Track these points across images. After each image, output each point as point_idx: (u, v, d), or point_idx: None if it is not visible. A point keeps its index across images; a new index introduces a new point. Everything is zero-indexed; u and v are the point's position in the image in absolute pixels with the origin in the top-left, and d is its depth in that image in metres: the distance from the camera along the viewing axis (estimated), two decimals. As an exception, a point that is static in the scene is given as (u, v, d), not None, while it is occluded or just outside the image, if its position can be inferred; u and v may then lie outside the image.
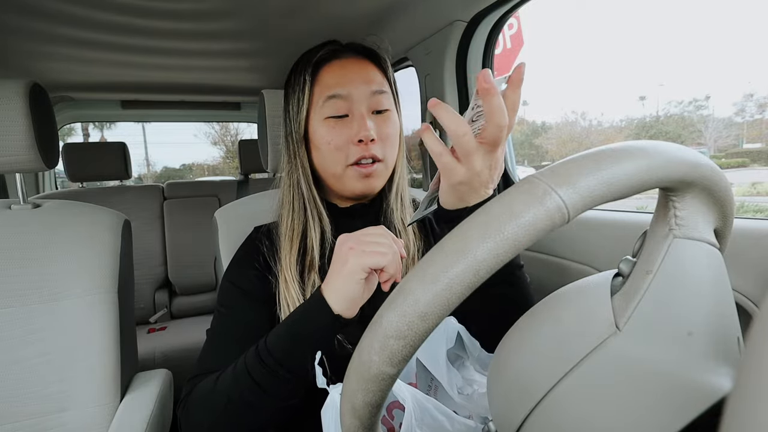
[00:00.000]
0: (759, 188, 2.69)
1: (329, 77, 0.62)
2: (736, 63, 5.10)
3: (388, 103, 0.64)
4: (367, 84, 0.62)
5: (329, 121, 0.62)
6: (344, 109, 0.61)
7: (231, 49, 1.40)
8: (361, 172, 0.61)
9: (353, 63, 0.63)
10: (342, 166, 0.62)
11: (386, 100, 0.64)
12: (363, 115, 0.61)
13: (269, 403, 0.51)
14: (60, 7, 1.03)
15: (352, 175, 0.62)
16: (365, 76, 0.62)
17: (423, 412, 0.47)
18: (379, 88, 0.63)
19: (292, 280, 0.60)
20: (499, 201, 0.24)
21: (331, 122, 0.62)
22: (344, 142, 0.61)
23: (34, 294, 0.73)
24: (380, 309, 0.25)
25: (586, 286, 0.31)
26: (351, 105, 0.61)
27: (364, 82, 0.62)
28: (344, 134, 0.61)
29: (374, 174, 0.62)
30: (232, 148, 14.13)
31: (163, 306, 1.87)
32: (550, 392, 0.27)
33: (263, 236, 0.66)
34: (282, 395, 0.51)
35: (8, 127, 0.70)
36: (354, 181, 0.62)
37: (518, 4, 1.01)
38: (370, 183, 0.63)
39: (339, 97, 0.61)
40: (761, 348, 0.15)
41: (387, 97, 0.64)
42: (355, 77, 0.62)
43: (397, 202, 0.67)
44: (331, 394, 0.52)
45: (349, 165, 0.61)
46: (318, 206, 0.64)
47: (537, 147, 7.57)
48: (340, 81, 0.61)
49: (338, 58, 0.63)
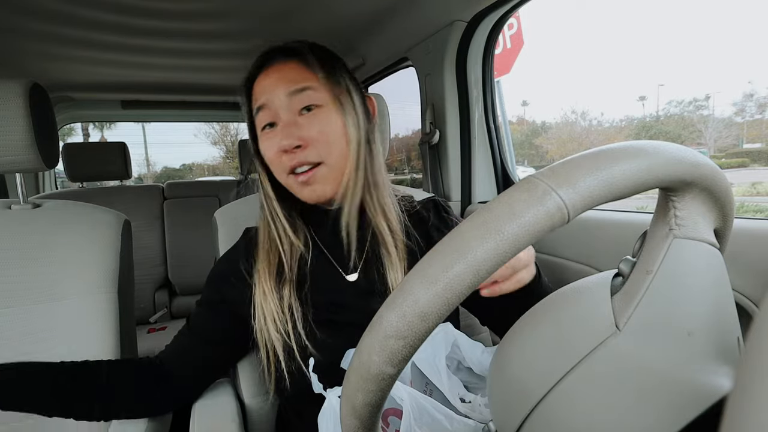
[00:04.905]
0: (759, 188, 2.69)
1: (257, 90, 0.61)
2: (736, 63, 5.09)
3: (315, 99, 0.59)
4: (285, 85, 0.58)
5: (264, 131, 0.61)
6: (270, 117, 0.60)
7: (231, 49, 1.40)
8: (299, 180, 0.59)
9: (275, 68, 0.60)
10: (284, 176, 0.60)
11: (311, 96, 0.59)
12: (287, 121, 0.58)
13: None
14: (60, 7, 1.03)
15: (294, 183, 0.60)
16: (283, 78, 0.59)
17: (421, 411, 0.47)
18: (300, 86, 0.58)
19: (270, 292, 0.60)
20: (499, 201, 0.24)
21: (266, 133, 0.61)
22: (275, 152, 0.59)
23: (33, 294, 0.73)
24: (380, 309, 0.25)
25: (586, 286, 0.31)
26: (274, 112, 0.59)
27: (280, 85, 0.59)
28: (273, 144, 0.59)
29: (314, 180, 0.59)
30: (232, 148, 14.13)
31: (163, 306, 1.87)
32: (550, 392, 0.27)
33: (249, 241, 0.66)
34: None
35: (8, 127, 0.70)
36: (299, 188, 0.60)
37: (518, 4, 1.01)
38: (315, 189, 0.60)
39: (263, 108, 0.60)
40: (761, 348, 0.15)
41: (313, 94, 0.59)
42: (273, 82, 0.59)
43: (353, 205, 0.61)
44: (328, 398, 0.52)
45: (288, 173, 0.60)
46: (281, 220, 0.62)
47: (537, 147, 7.57)
48: (261, 91, 0.60)
49: (263, 69, 0.61)
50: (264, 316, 0.60)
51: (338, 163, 0.60)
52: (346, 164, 0.60)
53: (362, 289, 0.62)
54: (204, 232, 1.93)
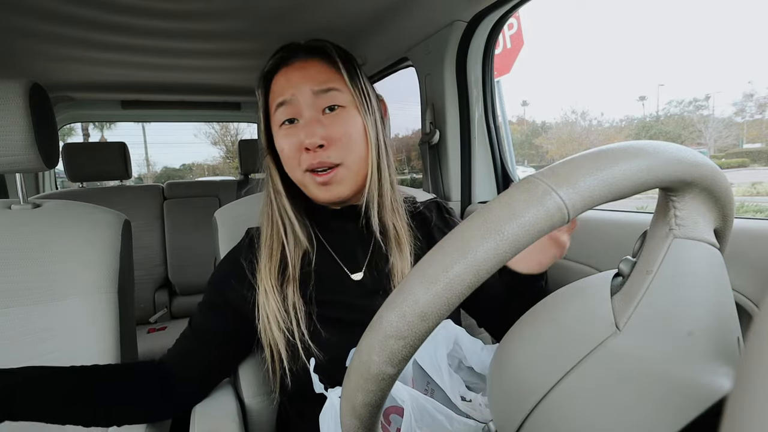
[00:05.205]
0: (759, 188, 2.69)
1: (277, 85, 0.61)
2: (736, 63, 5.09)
3: (340, 100, 0.59)
4: (311, 83, 0.58)
5: (283, 128, 0.60)
6: (292, 114, 0.59)
7: (231, 49, 1.40)
8: (317, 180, 0.59)
9: (299, 65, 0.60)
10: (300, 172, 0.60)
11: (337, 97, 0.59)
12: (310, 118, 0.58)
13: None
14: (60, 7, 1.03)
15: (311, 181, 0.60)
16: (309, 75, 0.59)
17: (422, 412, 0.47)
18: (326, 86, 0.59)
19: (272, 291, 0.59)
20: (499, 201, 0.24)
21: (284, 129, 0.60)
22: (294, 149, 0.59)
23: (33, 294, 0.73)
24: (380, 309, 0.25)
25: (586, 286, 0.31)
26: (298, 109, 0.59)
27: (307, 82, 0.59)
28: (294, 141, 0.59)
29: (333, 181, 0.59)
30: (232, 148, 14.14)
31: (163, 306, 1.87)
32: (550, 392, 0.27)
33: (251, 242, 0.66)
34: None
35: (8, 127, 0.70)
36: (315, 188, 0.60)
37: (518, 4, 1.01)
38: (332, 190, 0.60)
39: (286, 103, 0.59)
40: (761, 348, 0.15)
41: (338, 95, 0.59)
42: (298, 79, 0.59)
43: (373, 206, 0.62)
44: (329, 397, 0.52)
45: (306, 171, 0.59)
46: (290, 217, 0.62)
47: (537, 147, 7.57)
48: (285, 86, 0.60)
49: (286, 64, 0.61)
50: (267, 315, 0.59)
51: (356, 164, 0.60)
52: (363, 166, 0.61)
53: (367, 288, 0.63)
54: (204, 232, 1.94)
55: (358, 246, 0.65)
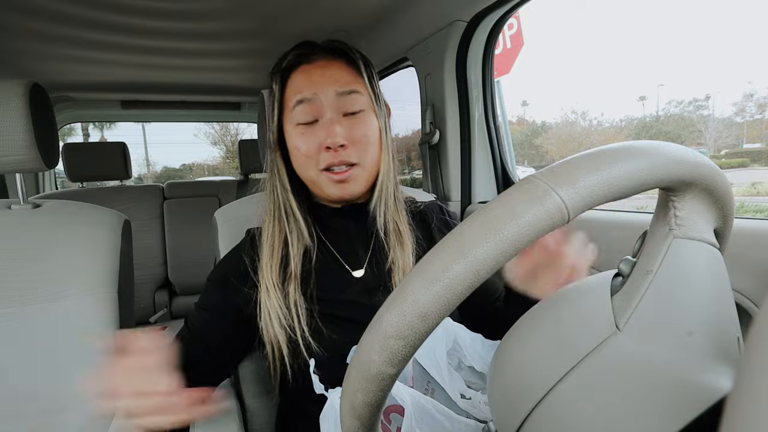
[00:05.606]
0: (759, 188, 2.69)
1: (297, 81, 0.61)
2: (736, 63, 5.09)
3: (361, 103, 0.61)
4: (335, 85, 0.59)
5: (300, 127, 0.60)
6: (312, 114, 0.60)
7: (231, 49, 1.40)
8: (334, 178, 0.60)
9: (321, 64, 0.61)
10: (315, 171, 0.61)
11: (359, 100, 0.61)
12: (331, 119, 0.59)
13: None
14: (60, 7, 1.03)
15: (327, 180, 0.61)
16: (332, 76, 0.60)
17: (422, 413, 0.47)
18: (349, 89, 0.60)
19: (273, 289, 0.60)
20: (499, 201, 0.24)
21: (301, 128, 0.60)
22: (314, 149, 0.59)
23: (33, 294, 0.73)
24: (380, 309, 0.25)
25: (586, 286, 0.31)
26: (319, 109, 0.59)
27: (330, 83, 0.59)
28: (313, 141, 0.59)
29: (349, 179, 0.60)
30: (232, 148, 14.13)
31: (163, 306, 1.87)
32: (550, 392, 0.27)
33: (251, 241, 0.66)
34: None
35: (8, 127, 0.70)
36: (329, 186, 0.61)
37: (518, 4, 1.01)
38: (346, 188, 0.61)
39: (306, 101, 0.59)
40: (761, 348, 0.15)
41: (359, 98, 0.61)
42: (322, 79, 0.60)
43: (381, 204, 0.64)
44: (330, 398, 0.52)
45: (322, 170, 0.60)
46: (295, 214, 0.63)
47: (537, 147, 7.57)
48: (306, 84, 0.60)
49: (307, 61, 0.61)
50: (269, 312, 0.59)
51: (370, 165, 0.62)
52: (375, 166, 0.63)
53: (369, 285, 0.63)
54: (204, 232, 1.92)
55: (358, 243, 0.66)
